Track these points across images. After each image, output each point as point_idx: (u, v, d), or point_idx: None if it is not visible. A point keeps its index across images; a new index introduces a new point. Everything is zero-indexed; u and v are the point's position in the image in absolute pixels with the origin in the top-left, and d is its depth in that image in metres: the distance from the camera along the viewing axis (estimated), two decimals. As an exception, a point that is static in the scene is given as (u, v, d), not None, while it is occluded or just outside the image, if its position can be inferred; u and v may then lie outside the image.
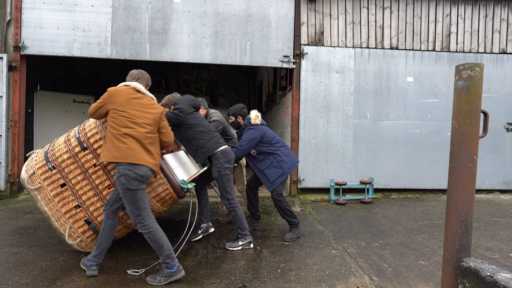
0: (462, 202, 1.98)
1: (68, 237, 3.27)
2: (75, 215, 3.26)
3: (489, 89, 6.63)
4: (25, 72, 6.03)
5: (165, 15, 6.08)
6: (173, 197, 3.32)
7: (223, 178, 3.66)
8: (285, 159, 4.08)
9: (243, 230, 3.73)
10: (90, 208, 3.24)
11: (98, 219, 3.25)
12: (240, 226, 3.72)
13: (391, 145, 6.54)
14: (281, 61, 6.34)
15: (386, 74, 6.52)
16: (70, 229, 3.26)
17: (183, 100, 3.80)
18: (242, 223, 3.72)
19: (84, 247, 3.36)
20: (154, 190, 3.26)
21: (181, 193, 3.31)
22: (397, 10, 6.56)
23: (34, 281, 2.87)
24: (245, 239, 3.74)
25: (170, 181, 3.26)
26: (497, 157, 6.74)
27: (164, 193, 3.28)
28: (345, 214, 5.32)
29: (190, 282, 2.92)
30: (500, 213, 5.36)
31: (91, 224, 3.27)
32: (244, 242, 3.73)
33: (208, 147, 3.64)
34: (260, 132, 4.10)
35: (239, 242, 3.72)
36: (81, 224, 3.27)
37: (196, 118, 3.72)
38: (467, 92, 1.97)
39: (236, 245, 3.71)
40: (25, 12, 5.81)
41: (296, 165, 4.20)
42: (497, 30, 6.74)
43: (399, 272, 3.19)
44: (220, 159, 3.64)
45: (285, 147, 4.20)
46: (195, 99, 3.91)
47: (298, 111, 6.38)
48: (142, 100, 2.98)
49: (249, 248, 3.74)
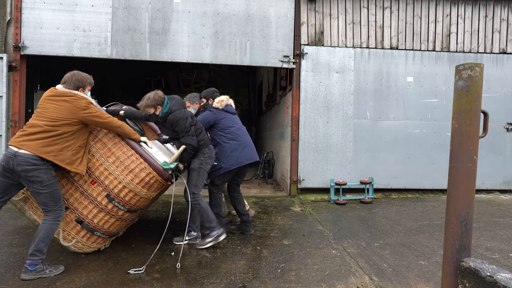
0: (462, 202, 1.98)
1: (63, 240, 3.28)
2: (65, 217, 3.26)
3: (489, 89, 6.62)
4: (25, 72, 6.03)
5: (165, 15, 6.08)
6: (158, 180, 3.31)
7: (200, 172, 3.67)
8: (231, 154, 3.95)
9: (211, 222, 3.63)
10: (79, 208, 3.26)
11: (89, 216, 3.26)
12: (207, 218, 3.63)
13: (391, 145, 6.54)
14: (281, 61, 6.34)
15: (386, 74, 6.52)
16: (63, 232, 3.27)
17: (181, 105, 3.76)
18: (208, 215, 3.63)
19: (81, 247, 3.36)
20: (137, 176, 3.24)
21: (165, 174, 3.32)
22: (397, 10, 6.56)
23: (34, 281, 2.87)
24: (214, 231, 3.62)
25: (151, 164, 3.26)
26: (497, 157, 6.73)
27: (148, 177, 3.27)
28: (345, 214, 5.32)
29: (190, 282, 2.92)
30: (500, 213, 5.36)
31: (83, 223, 3.28)
32: (214, 235, 3.62)
33: (201, 144, 3.73)
34: (216, 116, 4.04)
35: (208, 239, 3.64)
36: (74, 225, 3.28)
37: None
38: (467, 92, 1.97)
39: (206, 241, 3.64)
40: (25, 12, 5.81)
41: (249, 161, 4.03)
42: (497, 30, 6.74)
43: (399, 272, 3.19)
44: (206, 153, 3.74)
45: (237, 142, 4.03)
46: (182, 101, 3.86)
47: (298, 111, 6.38)
48: (55, 97, 3.03)
49: (222, 238, 3.64)
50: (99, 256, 3.44)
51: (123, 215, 3.37)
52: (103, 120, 3.11)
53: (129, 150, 3.26)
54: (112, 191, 3.23)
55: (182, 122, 3.56)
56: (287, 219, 4.96)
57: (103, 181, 3.23)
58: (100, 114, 3.09)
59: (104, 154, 3.24)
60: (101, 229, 3.33)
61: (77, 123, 3.02)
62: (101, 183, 3.23)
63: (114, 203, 3.25)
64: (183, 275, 3.06)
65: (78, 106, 3.00)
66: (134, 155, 3.25)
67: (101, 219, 3.29)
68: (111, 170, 3.22)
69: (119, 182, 3.22)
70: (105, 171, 3.23)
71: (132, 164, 3.23)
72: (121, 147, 3.26)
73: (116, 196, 3.24)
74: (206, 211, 3.65)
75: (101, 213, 3.27)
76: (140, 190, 3.28)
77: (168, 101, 3.63)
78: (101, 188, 3.23)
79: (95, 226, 3.29)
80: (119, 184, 3.22)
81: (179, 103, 3.69)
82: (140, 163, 3.25)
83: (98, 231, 3.33)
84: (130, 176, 3.23)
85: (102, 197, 3.24)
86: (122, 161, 3.23)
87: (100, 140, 3.27)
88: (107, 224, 3.33)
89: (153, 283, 2.89)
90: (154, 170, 3.27)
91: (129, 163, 3.24)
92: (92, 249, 3.43)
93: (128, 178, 3.22)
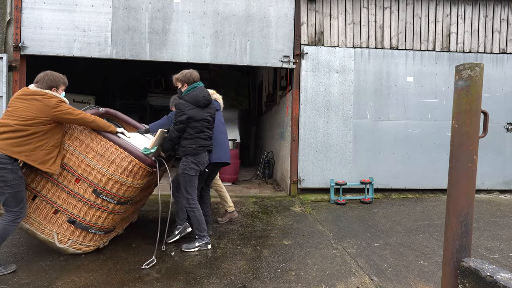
0: (462, 202, 1.98)
1: (59, 243, 3.28)
2: (57, 220, 3.27)
3: (489, 89, 6.62)
4: (25, 72, 6.03)
5: (165, 15, 6.08)
6: (141, 166, 3.32)
7: (185, 177, 3.62)
8: None
9: (201, 231, 3.67)
10: (68, 209, 3.26)
11: (80, 215, 3.27)
12: (198, 227, 3.67)
13: (391, 145, 6.54)
14: (281, 61, 6.34)
15: (386, 74, 6.52)
16: (57, 235, 3.27)
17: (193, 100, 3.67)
18: (200, 224, 3.67)
19: (79, 247, 3.36)
20: (119, 166, 3.25)
21: (147, 160, 3.33)
22: (397, 10, 6.56)
23: (34, 281, 2.88)
24: (202, 240, 3.68)
25: (131, 152, 3.28)
26: (497, 157, 6.73)
27: (131, 165, 3.28)
28: (345, 214, 5.32)
29: (190, 282, 2.92)
30: (500, 213, 5.36)
31: (75, 222, 3.28)
32: (201, 243, 3.67)
33: (187, 147, 3.66)
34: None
35: (196, 243, 3.66)
36: (67, 226, 3.28)
37: None
38: (467, 92, 1.97)
39: (192, 246, 3.65)
40: (25, 12, 5.81)
41: (219, 161, 4.02)
42: (497, 30, 6.74)
43: (399, 272, 3.19)
44: (189, 159, 3.62)
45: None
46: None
47: (298, 111, 6.38)
48: (26, 96, 3.02)
49: (207, 249, 3.68)
50: (99, 256, 3.44)
51: (114, 208, 3.37)
52: (75, 117, 3.11)
53: (107, 142, 3.28)
54: (97, 185, 3.24)
55: (176, 112, 3.56)
56: (287, 219, 4.96)
57: (87, 177, 3.24)
58: (71, 111, 3.09)
59: (83, 151, 3.26)
60: (95, 225, 3.33)
61: (49, 122, 3.01)
62: (85, 179, 3.24)
63: (102, 197, 3.27)
64: (183, 275, 3.06)
65: (49, 105, 3.00)
66: (113, 147, 3.27)
67: (92, 216, 3.29)
68: (93, 165, 3.24)
69: (103, 175, 3.24)
70: (87, 167, 3.24)
71: (113, 155, 3.25)
72: (99, 141, 3.28)
73: (102, 189, 3.25)
74: (198, 220, 3.66)
75: (92, 210, 3.28)
76: (125, 179, 3.28)
77: (195, 87, 3.67)
78: (86, 184, 3.25)
79: (88, 223, 3.30)
80: (103, 177, 3.24)
81: (193, 99, 3.60)
82: (120, 153, 3.26)
83: (92, 228, 3.33)
84: (112, 167, 3.24)
85: (89, 193, 3.25)
86: (102, 154, 3.25)
87: (76, 138, 3.28)
88: (100, 219, 3.34)
89: (153, 283, 2.89)
90: (136, 158, 3.28)
91: (109, 155, 3.25)
92: (91, 247, 3.43)
93: (111, 170, 3.24)
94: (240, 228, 4.46)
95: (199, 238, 3.68)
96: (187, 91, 3.67)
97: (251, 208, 5.55)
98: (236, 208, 5.47)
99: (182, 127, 3.56)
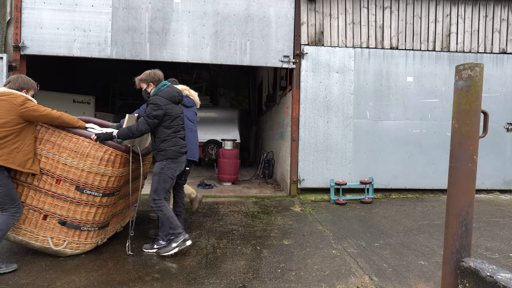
0: (462, 202, 1.98)
1: (55, 246, 3.29)
2: (48, 225, 3.29)
3: (489, 89, 6.62)
4: (25, 72, 6.03)
5: (165, 15, 6.08)
6: (117, 154, 3.34)
7: (160, 177, 3.41)
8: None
9: (175, 229, 3.40)
10: (56, 211, 3.28)
11: (69, 215, 3.28)
12: (171, 225, 3.39)
13: (391, 145, 6.54)
14: (281, 61, 6.34)
15: (386, 74, 6.52)
16: (52, 239, 3.28)
17: (169, 96, 3.52)
18: (172, 222, 3.40)
19: (77, 247, 3.36)
20: (95, 158, 3.28)
21: (121, 147, 3.36)
22: (397, 10, 6.56)
23: (34, 281, 2.88)
24: (179, 237, 3.39)
25: (104, 142, 3.31)
26: (497, 157, 6.73)
27: (106, 154, 3.30)
28: (345, 214, 5.32)
29: (190, 282, 2.92)
30: (500, 213, 5.36)
31: (66, 223, 3.29)
32: (178, 241, 3.38)
33: (160, 148, 3.52)
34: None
35: (173, 244, 3.39)
36: (59, 229, 3.30)
37: None
38: (467, 92, 1.97)
39: (170, 248, 3.39)
40: (25, 12, 5.81)
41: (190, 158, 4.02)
42: (497, 30, 6.74)
43: (399, 272, 3.19)
44: (164, 162, 3.46)
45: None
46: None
47: (298, 111, 6.38)
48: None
49: (185, 246, 3.41)
50: (99, 256, 3.44)
51: (101, 201, 3.38)
52: (41, 113, 3.12)
53: (78, 138, 3.30)
54: (79, 181, 3.26)
55: (152, 107, 3.35)
56: (287, 219, 4.96)
57: (67, 176, 3.26)
58: (37, 108, 3.11)
59: (57, 152, 3.27)
60: (86, 222, 3.34)
61: (19, 122, 3.04)
62: (66, 178, 3.26)
63: (87, 192, 3.28)
64: (183, 275, 3.06)
65: (15, 103, 3.03)
66: (84, 141, 3.29)
67: (82, 213, 3.31)
68: (69, 163, 3.26)
69: (82, 171, 3.26)
70: (65, 166, 3.26)
71: (86, 149, 3.28)
72: (70, 138, 3.30)
73: (85, 184, 3.27)
74: (169, 218, 3.41)
75: (80, 207, 3.29)
76: (104, 169, 3.30)
77: (164, 85, 3.52)
78: (68, 183, 3.27)
79: (79, 221, 3.31)
80: (82, 172, 3.26)
81: (168, 94, 3.46)
82: (93, 145, 3.29)
83: (84, 225, 3.34)
84: (89, 160, 3.27)
85: (73, 191, 3.27)
86: (76, 151, 3.27)
87: (47, 140, 3.30)
88: (90, 215, 3.35)
89: (153, 283, 2.89)
90: (110, 146, 3.31)
91: (83, 149, 3.28)
92: (89, 245, 3.43)
93: (88, 163, 3.26)
94: (240, 228, 4.46)
95: (174, 237, 3.39)
96: (158, 89, 3.50)
97: (251, 208, 5.55)
98: (236, 208, 5.48)
99: (155, 122, 3.36)
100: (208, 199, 6.09)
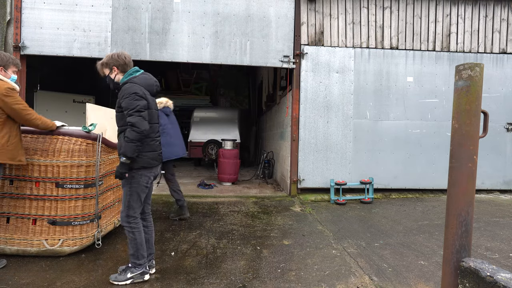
0: (462, 202, 1.98)
1: (51, 246, 3.29)
2: (39, 228, 3.30)
3: (489, 89, 6.62)
4: (25, 72, 6.03)
5: (165, 15, 6.08)
6: (88, 142, 3.38)
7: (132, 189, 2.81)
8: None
9: (138, 258, 2.87)
10: (44, 213, 3.29)
11: (57, 213, 3.30)
12: (135, 253, 2.86)
13: (391, 145, 6.54)
14: (281, 61, 6.34)
15: (386, 74, 6.52)
16: (46, 241, 3.29)
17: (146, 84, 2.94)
18: (138, 250, 2.86)
19: (73, 243, 3.36)
20: (67, 151, 3.30)
21: (90, 135, 3.39)
22: (397, 10, 6.56)
23: (34, 281, 2.88)
24: (138, 269, 2.88)
25: (72, 134, 3.34)
26: (497, 157, 6.73)
27: (77, 145, 3.33)
28: (345, 214, 5.32)
29: (190, 282, 2.92)
30: (500, 213, 5.36)
31: (56, 222, 3.30)
32: (135, 273, 2.87)
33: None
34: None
35: (128, 274, 2.86)
36: (51, 229, 3.30)
37: None
38: (467, 92, 1.97)
39: (123, 278, 2.85)
40: (25, 12, 5.81)
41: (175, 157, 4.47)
42: (497, 30, 6.74)
43: (399, 272, 3.19)
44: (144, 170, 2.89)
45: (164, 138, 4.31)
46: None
47: (298, 111, 6.38)
48: None
49: (142, 280, 2.89)
50: (99, 256, 3.44)
51: (86, 193, 3.39)
52: (26, 112, 2.96)
53: (45, 137, 3.33)
54: (57, 178, 3.28)
55: (132, 97, 2.69)
56: (287, 219, 4.96)
57: (45, 176, 3.28)
58: (25, 107, 3.01)
59: (28, 155, 3.28)
60: (76, 216, 3.35)
61: (1, 113, 2.89)
62: (44, 178, 3.28)
63: (67, 186, 3.30)
64: (183, 275, 3.06)
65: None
66: (52, 138, 3.32)
67: (69, 208, 3.32)
68: (42, 162, 3.28)
69: (57, 166, 3.28)
70: (39, 167, 3.28)
71: (57, 145, 3.30)
72: (36, 138, 3.34)
73: (63, 179, 3.29)
74: (138, 244, 2.87)
75: (65, 203, 3.31)
76: (79, 160, 3.32)
77: (137, 71, 2.92)
78: (47, 183, 3.28)
79: (68, 217, 3.32)
80: (58, 168, 3.28)
81: (145, 82, 2.86)
82: (61, 139, 3.32)
83: (75, 220, 3.35)
84: (62, 154, 3.29)
85: (53, 189, 3.28)
86: (46, 149, 3.30)
87: None
88: (78, 208, 3.36)
89: (153, 283, 2.89)
90: (79, 137, 3.34)
91: (53, 146, 3.30)
92: (86, 239, 3.42)
93: (62, 158, 3.28)
94: (240, 228, 4.46)
95: (133, 266, 2.88)
96: (130, 75, 2.86)
97: (251, 208, 5.55)
98: (236, 208, 5.48)
99: (145, 114, 2.73)
100: (208, 199, 6.09)
